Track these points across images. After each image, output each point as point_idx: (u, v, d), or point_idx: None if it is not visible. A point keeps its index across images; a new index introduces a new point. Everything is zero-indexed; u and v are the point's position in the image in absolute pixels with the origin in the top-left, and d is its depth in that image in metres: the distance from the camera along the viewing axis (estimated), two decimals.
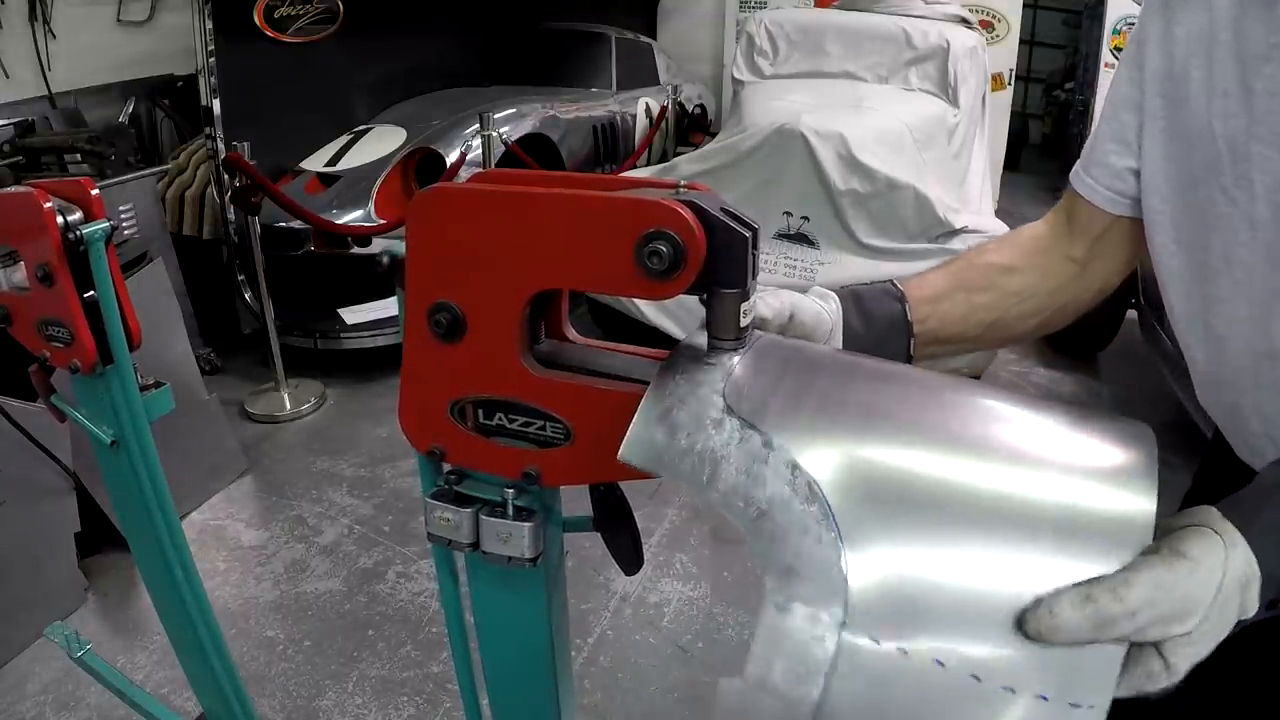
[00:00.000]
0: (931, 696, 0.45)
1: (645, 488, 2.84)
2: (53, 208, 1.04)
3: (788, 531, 0.47)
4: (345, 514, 2.81)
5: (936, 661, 0.45)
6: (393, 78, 4.91)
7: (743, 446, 0.49)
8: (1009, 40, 6.61)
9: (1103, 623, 0.44)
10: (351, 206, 3.82)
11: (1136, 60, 0.80)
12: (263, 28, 4.03)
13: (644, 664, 2.18)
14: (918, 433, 0.51)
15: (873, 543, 0.46)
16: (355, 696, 2.07)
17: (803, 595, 0.46)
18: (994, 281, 0.86)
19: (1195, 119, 0.73)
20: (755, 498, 0.48)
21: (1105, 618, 0.44)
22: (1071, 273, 0.87)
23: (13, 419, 2.07)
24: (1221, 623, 0.48)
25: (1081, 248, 0.86)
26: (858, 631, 0.45)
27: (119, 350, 1.13)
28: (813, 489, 0.47)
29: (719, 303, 0.57)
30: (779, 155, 3.45)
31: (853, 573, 0.46)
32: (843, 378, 0.56)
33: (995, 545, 0.47)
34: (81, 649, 1.31)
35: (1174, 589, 0.45)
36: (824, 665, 0.45)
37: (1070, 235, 0.87)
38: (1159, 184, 0.78)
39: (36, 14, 3.82)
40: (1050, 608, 0.44)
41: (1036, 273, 0.87)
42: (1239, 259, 0.71)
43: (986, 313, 0.85)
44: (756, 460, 0.49)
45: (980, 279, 0.86)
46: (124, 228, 3.16)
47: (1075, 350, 3.99)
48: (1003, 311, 0.86)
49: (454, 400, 0.65)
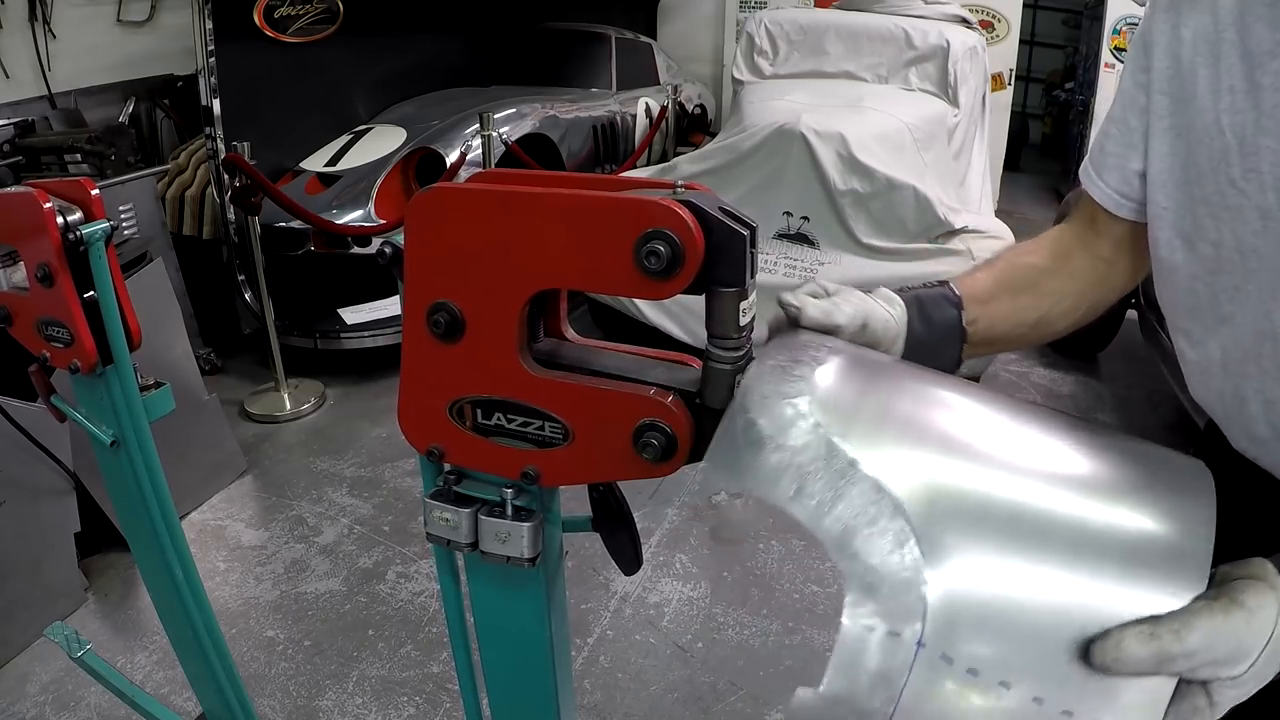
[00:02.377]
0: (996, 718, 0.47)
1: (645, 488, 2.84)
2: (53, 208, 1.04)
3: (871, 549, 0.48)
4: (345, 514, 2.81)
5: (1002, 684, 0.47)
6: (393, 78, 4.91)
7: (829, 464, 0.50)
8: (1009, 40, 6.61)
9: (1163, 660, 0.47)
10: (351, 206, 3.82)
11: (1143, 64, 0.82)
12: (263, 28, 4.03)
13: (644, 664, 2.18)
14: (995, 460, 0.53)
15: (951, 563, 0.48)
16: (355, 696, 2.07)
17: (883, 612, 0.47)
18: (1034, 282, 0.89)
19: (1202, 115, 0.75)
20: (840, 515, 0.49)
21: (1166, 655, 0.47)
22: (1102, 270, 0.90)
23: (13, 419, 2.07)
24: (1268, 669, 0.51)
25: (1107, 247, 0.89)
26: (933, 650, 0.47)
27: (119, 350, 1.13)
28: (897, 508, 0.49)
29: (719, 302, 0.57)
30: (779, 155, 3.45)
31: (931, 592, 0.47)
32: (924, 402, 0.58)
33: (1063, 573, 0.49)
34: (81, 649, 1.31)
35: (1230, 636, 0.48)
36: (899, 683, 0.47)
37: (1095, 235, 0.90)
38: (1164, 180, 0.80)
39: (36, 14, 3.82)
40: (1118, 641, 0.46)
41: (1071, 272, 0.90)
42: (1252, 247, 0.73)
43: (1029, 313, 0.88)
44: (842, 478, 0.50)
45: (1022, 280, 0.89)
46: (124, 228, 3.16)
47: (1075, 350, 3.99)
48: (1044, 311, 0.88)
49: (453, 400, 0.65)
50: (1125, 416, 3.52)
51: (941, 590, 0.47)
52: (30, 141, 3.34)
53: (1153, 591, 0.48)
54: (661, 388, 0.61)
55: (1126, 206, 0.86)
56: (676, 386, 0.62)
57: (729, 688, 2.11)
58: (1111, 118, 0.87)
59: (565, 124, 5.01)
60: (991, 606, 0.48)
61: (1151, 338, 3.33)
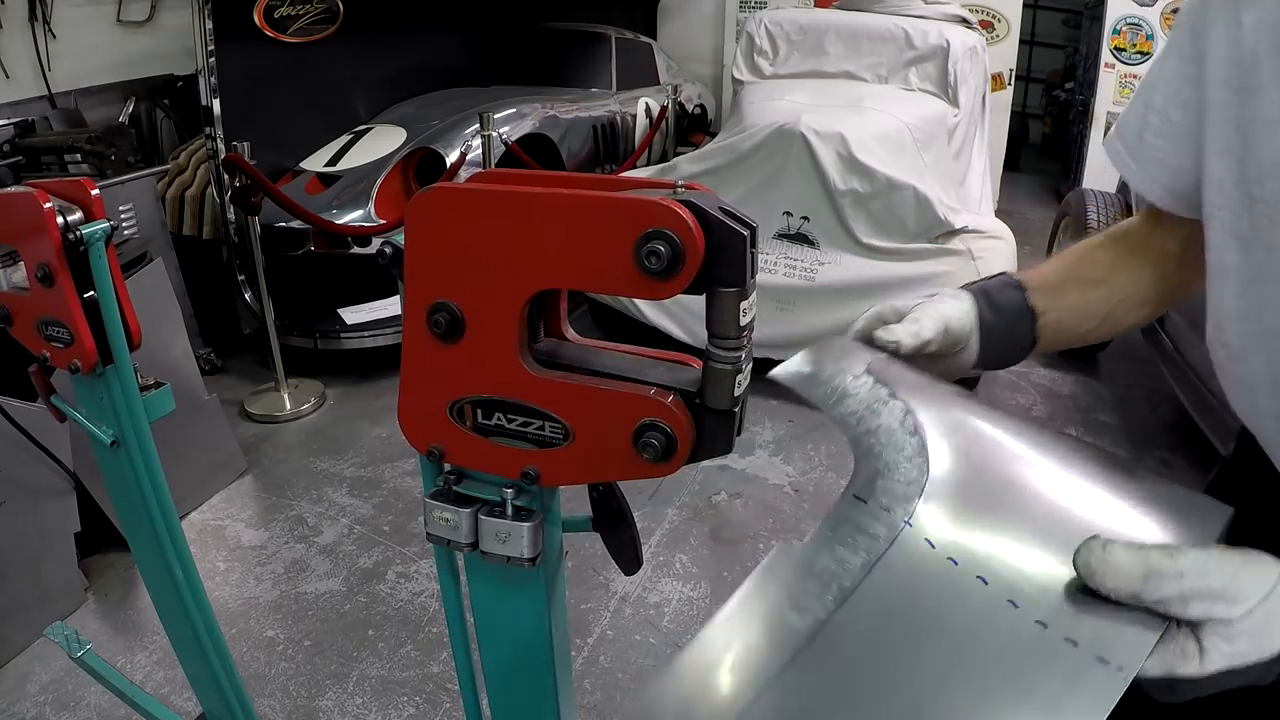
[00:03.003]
0: (963, 606, 0.48)
1: (645, 488, 2.84)
2: (53, 208, 1.04)
3: (885, 449, 0.55)
4: (345, 514, 2.81)
5: (980, 578, 0.48)
6: (393, 78, 4.91)
7: (871, 392, 0.60)
8: (1009, 40, 6.61)
9: (1150, 574, 0.45)
10: (351, 206, 3.82)
11: (1190, 53, 0.77)
12: (263, 28, 4.03)
13: (644, 664, 2.18)
14: (1020, 438, 0.59)
15: (955, 475, 0.53)
16: (355, 696, 2.07)
17: (879, 493, 0.53)
18: (1104, 276, 0.87)
19: (1266, 109, 0.70)
20: (868, 423, 0.58)
21: (1154, 569, 0.45)
22: (1170, 266, 0.88)
23: (13, 419, 2.07)
24: (1264, 635, 0.46)
25: (1173, 241, 0.87)
26: (918, 532, 0.51)
27: (119, 350, 1.13)
28: (918, 429, 0.56)
29: (719, 302, 0.57)
30: (779, 155, 3.45)
31: (929, 490, 0.52)
32: (971, 413, 0.64)
33: (1063, 498, 0.53)
34: (81, 649, 1.31)
35: (1225, 568, 0.46)
36: (880, 547, 0.51)
37: (1161, 228, 0.88)
38: (1219, 178, 0.76)
39: (36, 14, 3.82)
40: (1105, 544, 0.46)
41: (1141, 266, 0.88)
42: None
43: (1100, 305, 0.87)
44: (879, 401, 0.59)
45: (1092, 273, 0.87)
46: (124, 228, 3.16)
47: (1075, 350, 3.99)
48: (1114, 305, 0.87)
49: (453, 400, 0.65)
50: (1125, 416, 3.52)
51: (940, 487, 0.52)
52: (30, 141, 3.33)
53: (1151, 530, 0.50)
54: (662, 388, 0.61)
55: (1180, 203, 0.83)
56: (677, 386, 0.62)
57: None
58: (1151, 105, 0.82)
59: (565, 124, 5.01)
60: (986, 515, 0.51)
61: (1152, 338, 3.33)
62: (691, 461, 0.62)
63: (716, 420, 0.61)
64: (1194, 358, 2.82)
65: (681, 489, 2.89)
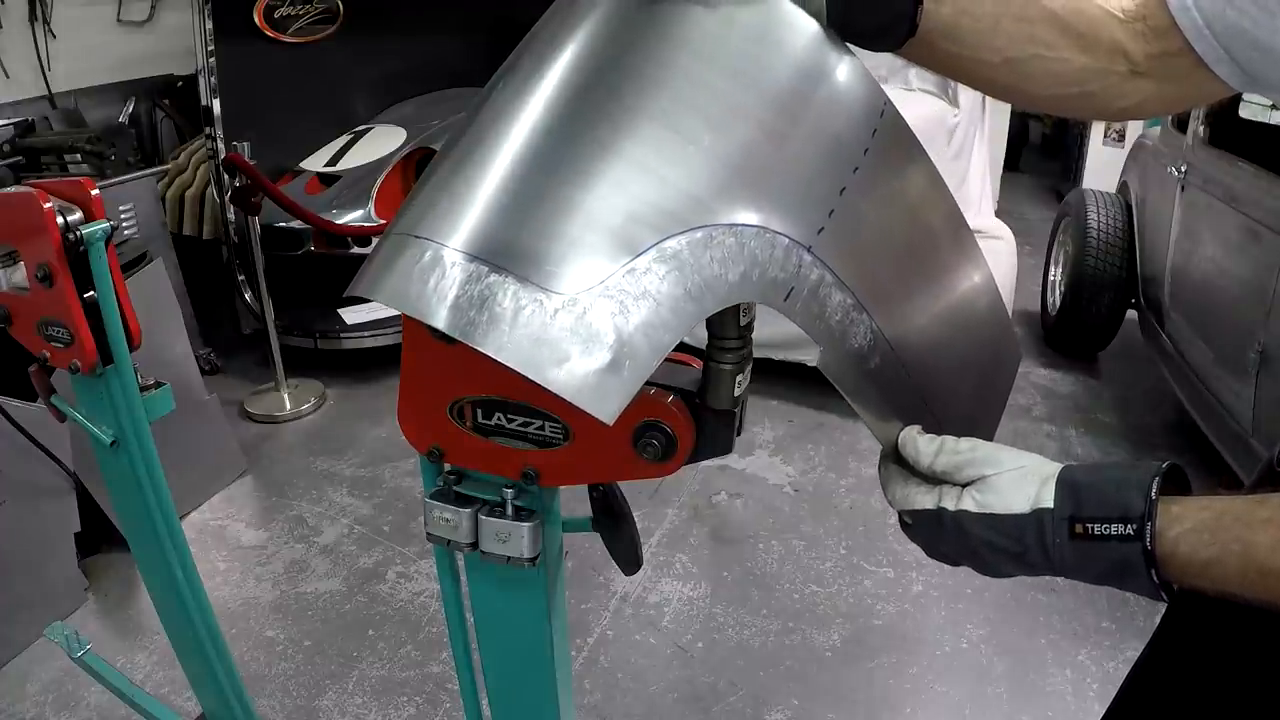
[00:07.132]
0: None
1: (645, 488, 2.84)
2: (53, 208, 1.04)
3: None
4: (345, 514, 2.81)
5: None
6: (393, 78, 4.90)
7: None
8: None
9: (943, 450, 0.64)
10: (351, 206, 3.81)
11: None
12: (263, 28, 4.03)
13: (644, 664, 2.18)
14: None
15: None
16: (355, 696, 2.07)
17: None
18: (1034, 15, 0.71)
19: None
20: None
21: (946, 447, 0.64)
22: (1118, 72, 0.73)
23: (13, 419, 2.07)
24: (1009, 494, 0.60)
25: (1141, 52, 0.72)
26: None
27: (119, 350, 1.13)
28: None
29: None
30: None
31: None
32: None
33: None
34: (81, 649, 1.31)
35: (993, 450, 0.63)
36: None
37: (1136, 33, 0.72)
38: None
39: (36, 14, 3.82)
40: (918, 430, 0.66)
41: (1081, 41, 0.71)
42: None
43: (1009, 40, 0.70)
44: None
45: (1022, 7, 0.71)
46: (124, 228, 3.15)
47: (1075, 350, 3.99)
48: (1029, 55, 0.71)
49: (453, 400, 0.65)
50: (1125, 416, 3.51)
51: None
52: (30, 141, 3.34)
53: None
54: (661, 388, 0.61)
55: (1203, 41, 0.68)
56: (676, 386, 0.62)
57: (729, 688, 2.11)
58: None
59: None
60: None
61: (1152, 338, 3.33)
62: (691, 461, 0.62)
63: (716, 420, 0.61)
64: (1194, 358, 2.82)
65: (681, 489, 2.88)
